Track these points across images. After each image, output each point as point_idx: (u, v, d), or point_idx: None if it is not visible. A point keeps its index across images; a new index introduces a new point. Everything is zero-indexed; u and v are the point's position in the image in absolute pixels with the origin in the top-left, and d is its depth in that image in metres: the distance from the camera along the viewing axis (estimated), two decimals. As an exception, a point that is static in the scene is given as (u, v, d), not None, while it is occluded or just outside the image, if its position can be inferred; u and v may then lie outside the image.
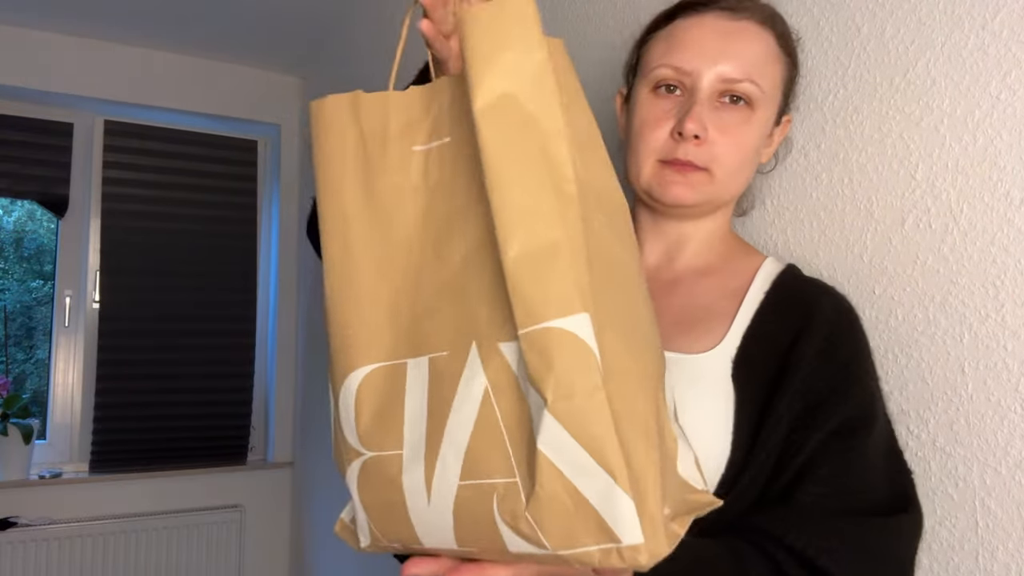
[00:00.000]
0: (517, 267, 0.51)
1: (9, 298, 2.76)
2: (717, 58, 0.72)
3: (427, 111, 0.61)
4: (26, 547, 2.36)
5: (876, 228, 0.79)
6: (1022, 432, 0.67)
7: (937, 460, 0.73)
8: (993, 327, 0.69)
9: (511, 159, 0.52)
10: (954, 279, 0.72)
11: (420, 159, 0.61)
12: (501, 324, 0.53)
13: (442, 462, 0.53)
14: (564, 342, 0.49)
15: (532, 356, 0.50)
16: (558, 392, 0.49)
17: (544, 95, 0.53)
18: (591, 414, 0.48)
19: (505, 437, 0.52)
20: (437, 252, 0.58)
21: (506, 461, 0.51)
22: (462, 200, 0.57)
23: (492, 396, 0.52)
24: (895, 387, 0.77)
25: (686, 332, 0.74)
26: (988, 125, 0.70)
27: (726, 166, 0.74)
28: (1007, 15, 0.69)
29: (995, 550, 0.68)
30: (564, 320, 0.49)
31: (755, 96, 0.73)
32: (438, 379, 0.55)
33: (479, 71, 0.54)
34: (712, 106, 0.73)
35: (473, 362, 0.54)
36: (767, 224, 0.91)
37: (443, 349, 0.56)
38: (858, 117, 0.82)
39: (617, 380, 0.50)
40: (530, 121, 0.53)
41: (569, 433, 0.48)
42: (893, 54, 0.78)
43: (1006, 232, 0.68)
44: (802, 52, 0.86)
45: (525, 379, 0.51)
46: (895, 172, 0.78)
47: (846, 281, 0.82)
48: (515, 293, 0.51)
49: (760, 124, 0.75)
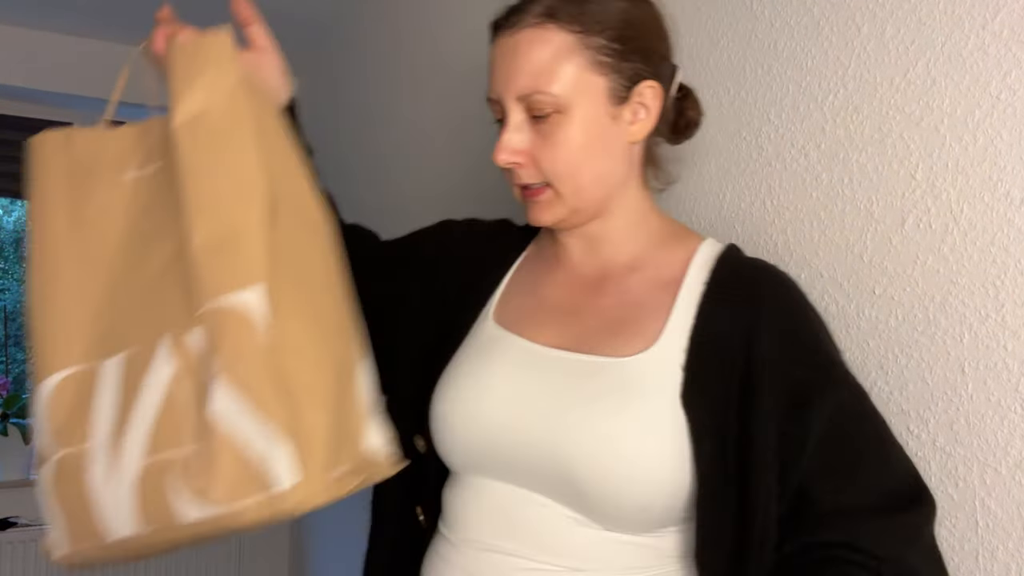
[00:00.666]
0: (200, 253, 0.58)
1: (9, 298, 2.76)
2: (507, 81, 0.71)
3: (141, 141, 0.69)
4: (26, 547, 2.36)
5: (876, 228, 0.79)
6: (1022, 432, 0.67)
7: (937, 460, 0.73)
8: (993, 327, 0.69)
9: (204, 169, 0.60)
10: (954, 279, 0.72)
11: (131, 184, 0.68)
12: (190, 315, 0.59)
13: (128, 445, 0.59)
14: (235, 316, 0.56)
15: (208, 331, 0.57)
16: (227, 360, 0.55)
17: (236, 113, 0.61)
18: (256, 378, 0.55)
19: (188, 412, 0.57)
20: (141, 263, 0.65)
21: (188, 434, 0.57)
22: (167, 215, 0.64)
23: (178, 378, 0.59)
24: (895, 387, 0.77)
25: (616, 334, 0.72)
26: (988, 125, 0.70)
27: (562, 175, 0.72)
28: (1007, 15, 0.69)
29: (995, 550, 0.68)
30: (239, 294, 0.56)
31: (552, 103, 0.70)
32: (131, 373, 0.61)
33: (179, 93, 0.62)
34: (527, 124, 0.72)
35: (162, 351, 0.60)
36: (767, 224, 0.91)
37: (138, 345, 0.62)
38: (858, 117, 0.82)
39: (291, 353, 0.57)
40: (222, 135, 0.60)
41: (238, 396, 0.55)
42: (893, 54, 0.78)
43: (1006, 232, 0.68)
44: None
45: (205, 356, 0.57)
46: (895, 172, 0.78)
47: (846, 281, 0.82)
48: (196, 277, 0.58)
49: (580, 120, 0.71)
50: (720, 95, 0.97)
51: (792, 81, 0.89)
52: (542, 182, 0.73)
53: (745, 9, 0.95)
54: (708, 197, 0.99)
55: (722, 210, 0.97)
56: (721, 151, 0.97)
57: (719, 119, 0.97)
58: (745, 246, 0.79)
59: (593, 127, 0.72)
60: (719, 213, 0.97)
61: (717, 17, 0.98)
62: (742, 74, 0.95)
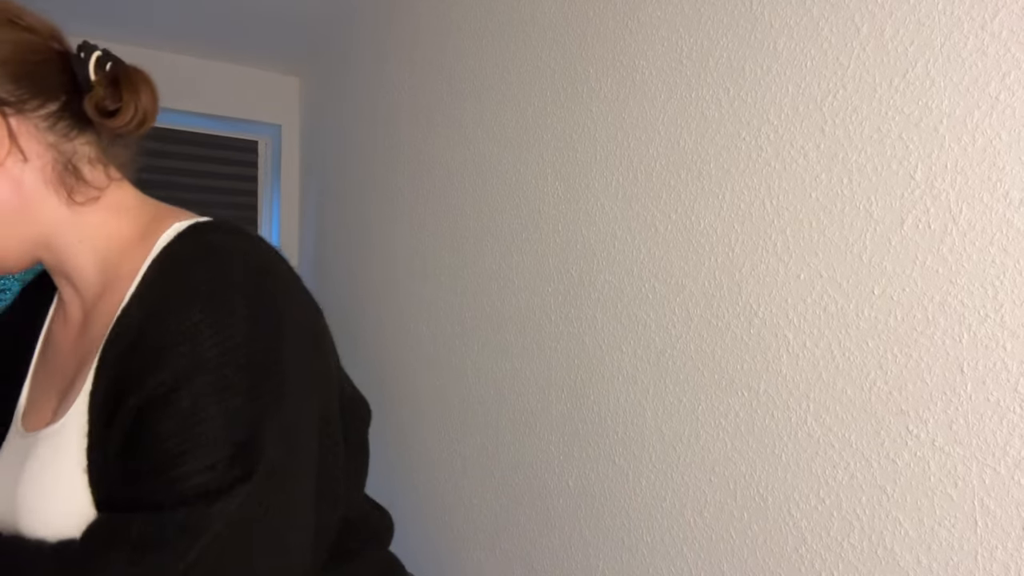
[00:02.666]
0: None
1: (9, 298, 2.76)
2: None
3: None
4: (27, 547, 2.35)
5: (875, 228, 0.79)
6: (1021, 432, 0.67)
7: (936, 460, 0.73)
8: (992, 327, 0.69)
9: None
10: (953, 279, 0.72)
11: None
12: None
13: None
14: None
15: None
16: None
17: None
18: None
19: None
20: None
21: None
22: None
23: None
24: (895, 387, 0.77)
25: (67, 394, 0.64)
26: (987, 125, 0.70)
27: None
28: (1006, 16, 0.69)
29: (994, 550, 0.68)
30: None
31: None
32: None
33: None
34: None
35: None
36: (767, 224, 0.91)
37: None
38: (858, 117, 0.82)
39: None
40: None
41: None
42: (893, 54, 0.78)
43: (1005, 232, 0.68)
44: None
45: None
46: (894, 173, 0.78)
47: (846, 281, 0.82)
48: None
49: None
50: (720, 95, 0.97)
51: (792, 81, 0.89)
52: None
53: (745, 9, 0.95)
54: (708, 197, 0.99)
55: (722, 210, 0.97)
56: (721, 151, 0.98)
57: (719, 119, 0.97)
58: (745, 246, 0.79)
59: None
60: (719, 213, 0.97)
61: (717, 17, 0.98)
62: (742, 74, 0.95)
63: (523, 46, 1.38)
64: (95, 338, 0.64)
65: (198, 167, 2.79)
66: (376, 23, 2.16)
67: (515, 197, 1.40)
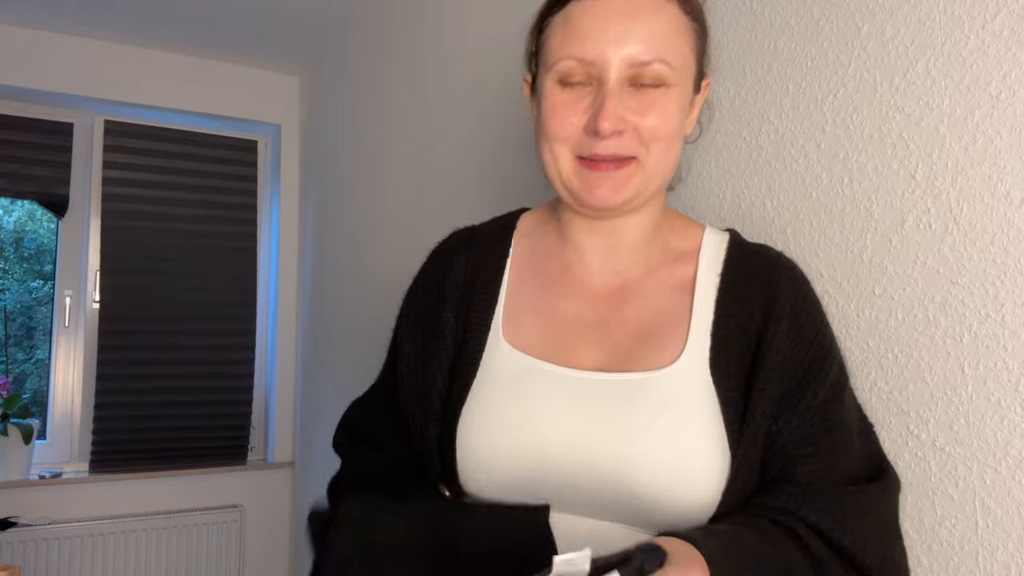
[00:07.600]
0: None
1: (9, 298, 2.76)
2: (621, 42, 0.66)
3: None
4: (26, 547, 2.36)
5: (876, 228, 0.79)
6: (1022, 432, 0.67)
7: (937, 460, 0.73)
8: (993, 327, 0.69)
9: None
10: (954, 279, 0.72)
11: None
12: None
13: None
14: None
15: None
16: None
17: None
18: None
19: None
20: None
21: None
22: None
23: None
24: (895, 387, 0.77)
25: (646, 343, 0.71)
26: (988, 125, 0.70)
27: (653, 150, 0.69)
28: (1007, 15, 0.69)
29: (995, 550, 0.68)
30: None
31: (667, 75, 0.68)
32: None
33: None
34: (625, 92, 0.68)
35: None
36: (767, 224, 0.91)
37: None
38: (858, 117, 0.82)
39: None
40: None
41: None
42: (893, 54, 0.78)
43: (1006, 232, 0.68)
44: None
45: None
46: (895, 172, 0.78)
47: (846, 281, 0.82)
48: None
49: (678, 99, 0.70)
50: (720, 95, 0.97)
51: (792, 81, 0.89)
52: (631, 154, 0.69)
53: (745, 9, 0.95)
54: (708, 197, 0.99)
55: (722, 210, 0.97)
56: (721, 151, 0.97)
57: (719, 119, 0.97)
58: (745, 246, 0.79)
59: (682, 108, 0.71)
60: (719, 213, 0.97)
61: (717, 17, 0.98)
62: (742, 74, 0.95)
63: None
64: (656, 295, 0.74)
65: (198, 167, 2.78)
66: (376, 23, 2.16)
67: (517, 196, 1.40)
